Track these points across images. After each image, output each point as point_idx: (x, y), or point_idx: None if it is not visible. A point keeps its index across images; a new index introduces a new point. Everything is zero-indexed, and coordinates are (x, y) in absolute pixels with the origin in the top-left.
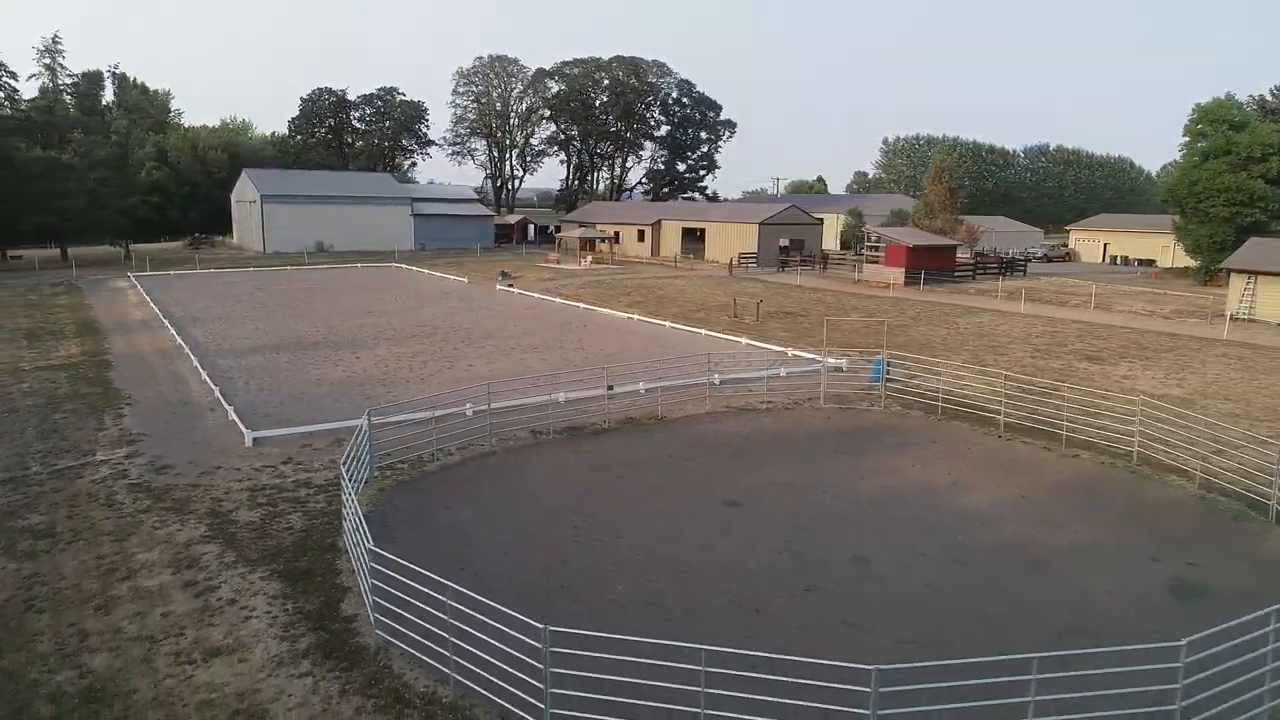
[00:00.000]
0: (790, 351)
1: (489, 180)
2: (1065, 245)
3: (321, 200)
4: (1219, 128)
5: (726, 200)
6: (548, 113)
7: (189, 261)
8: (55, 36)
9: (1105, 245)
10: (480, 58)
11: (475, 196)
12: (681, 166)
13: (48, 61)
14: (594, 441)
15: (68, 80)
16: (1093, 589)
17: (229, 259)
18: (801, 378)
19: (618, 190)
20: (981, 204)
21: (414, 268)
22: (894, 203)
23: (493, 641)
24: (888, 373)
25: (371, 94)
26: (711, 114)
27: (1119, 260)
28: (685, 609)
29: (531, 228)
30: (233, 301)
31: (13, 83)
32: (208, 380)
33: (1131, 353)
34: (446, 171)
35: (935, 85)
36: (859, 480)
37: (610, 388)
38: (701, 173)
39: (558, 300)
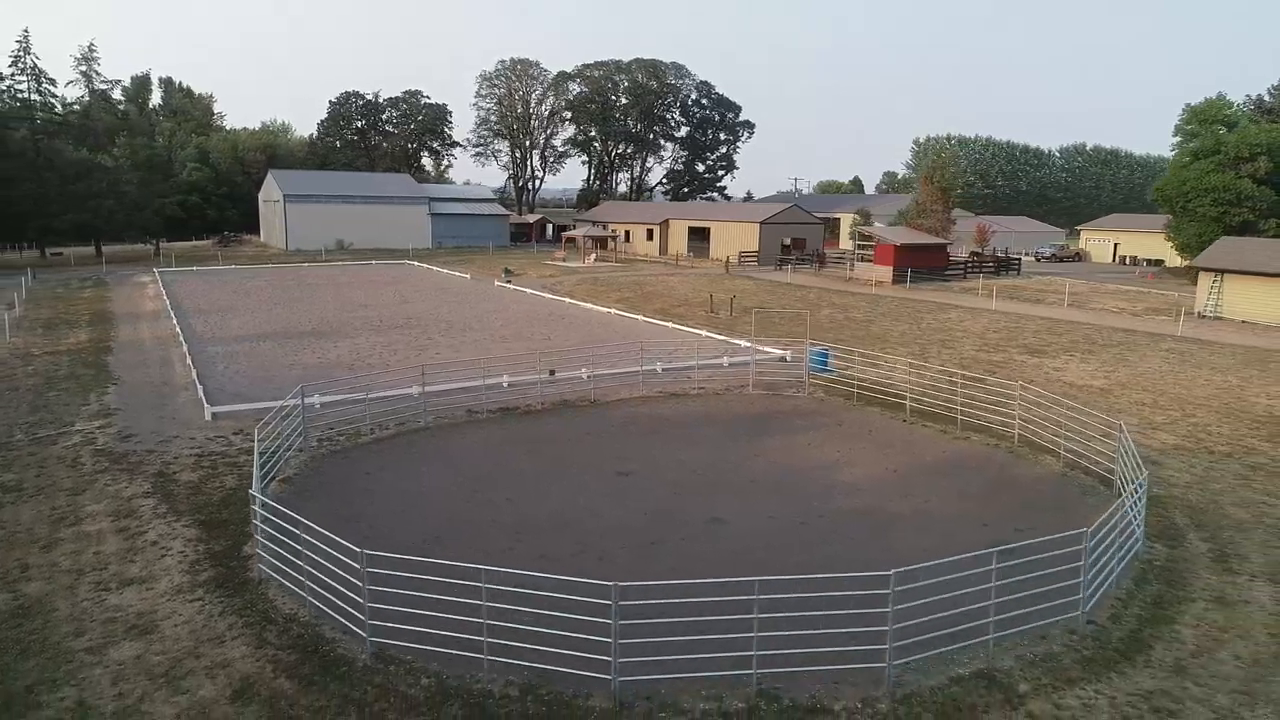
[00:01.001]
0: (744, 342)
1: (511, 181)
2: (1068, 245)
3: (342, 200)
4: (1210, 127)
5: (753, 200)
6: (568, 114)
7: (215, 258)
8: (91, 45)
9: (1116, 245)
10: (503, 61)
11: (492, 196)
12: (700, 167)
13: (84, 69)
14: (523, 420)
15: (102, 86)
16: (912, 547)
17: (253, 256)
18: (743, 367)
19: (638, 190)
20: (1015, 203)
21: (425, 264)
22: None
23: (338, 570)
24: (827, 364)
25: (397, 97)
26: (731, 115)
27: (1129, 260)
28: (539, 555)
29: (550, 227)
30: (241, 295)
31: (52, 89)
32: (190, 364)
33: (1078, 347)
34: (470, 172)
35: (970, 85)
36: (752, 456)
37: (552, 373)
38: (720, 173)
39: (547, 296)
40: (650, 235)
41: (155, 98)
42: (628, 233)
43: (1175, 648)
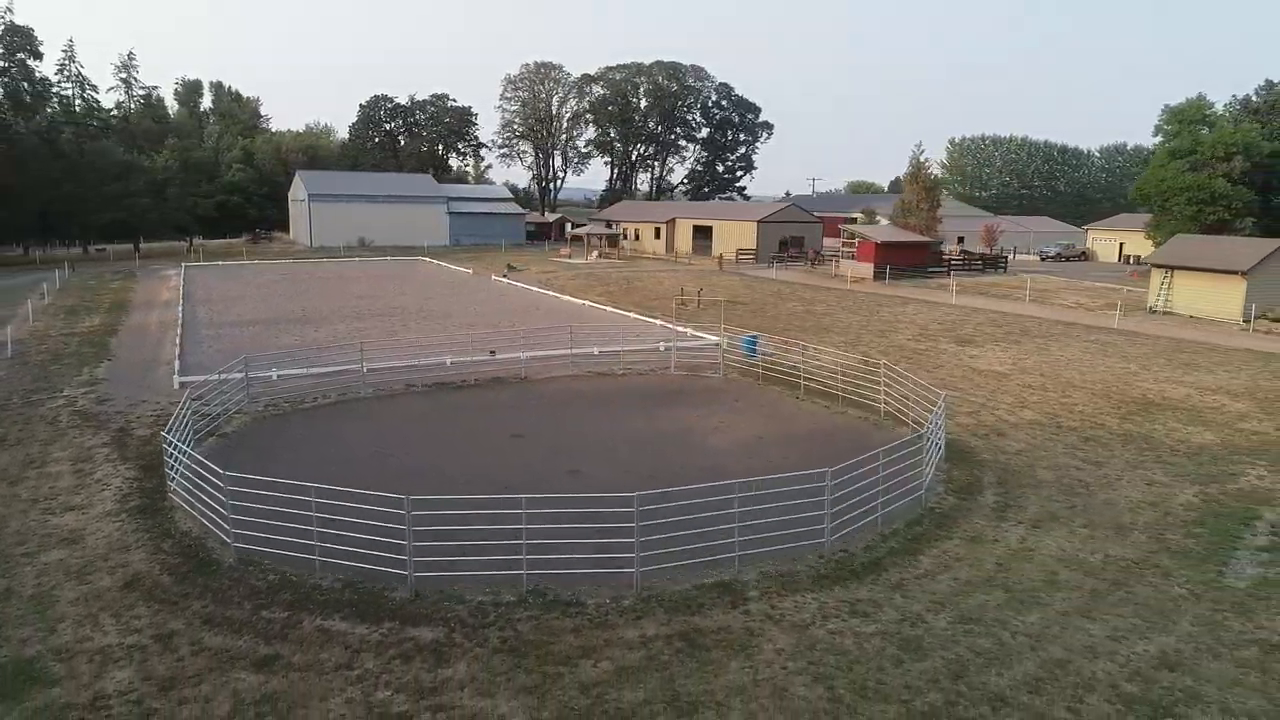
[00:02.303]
0: (688, 330)
1: (535, 181)
2: (1073, 245)
3: (364, 199)
4: (1188, 128)
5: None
6: (589, 117)
7: (242, 255)
8: (130, 54)
9: (1121, 245)
10: (527, 64)
11: (509, 195)
12: (720, 167)
13: (124, 76)
14: (452, 393)
15: (140, 93)
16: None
17: (279, 252)
18: (681, 352)
19: (658, 190)
20: (1052, 204)
21: (435, 261)
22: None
23: (216, 494)
24: (755, 350)
25: (425, 100)
26: (751, 116)
27: (1132, 259)
28: (392, 489)
29: (569, 225)
30: (251, 288)
31: (95, 95)
32: (177, 343)
33: (1009, 337)
34: (496, 173)
35: (1009, 84)
36: (641, 423)
37: (492, 353)
38: (739, 173)
39: (536, 290)
40: (658, 234)
41: (206, 100)
42: (637, 231)
43: (906, 571)
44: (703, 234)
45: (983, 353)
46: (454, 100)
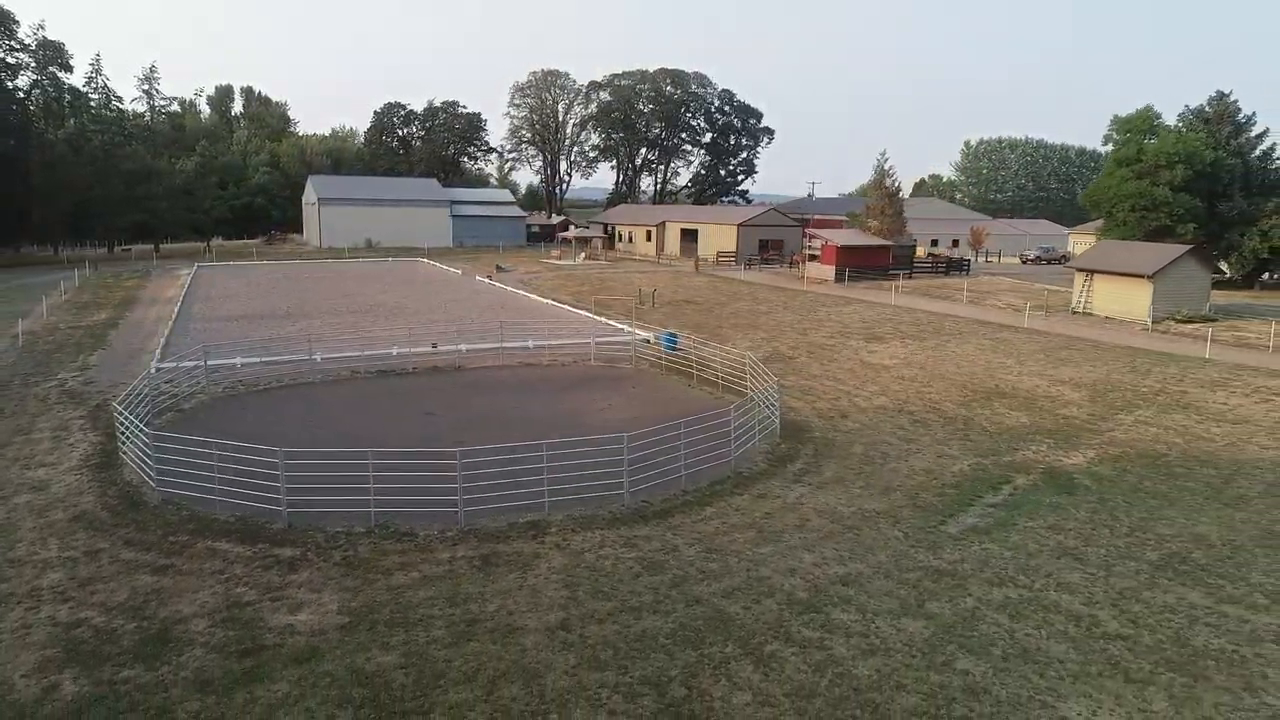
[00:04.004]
0: (625, 326)
1: (543, 185)
2: (1054, 249)
3: (371, 203)
4: (1134, 137)
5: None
6: (594, 124)
7: (253, 255)
8: (153, 67)
9: None
10: (534, 72)
11: (511, 199)
12: (723, 171)
13: (146, 88)
14: (391, 379)
15: (161, 104)
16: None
17: (288, 253)
18: (606, 344)
19: (662, 193)
20: (1070, 206)
21: (432, 262)
22: (924, 206)
23: (147, 451)
24: (675, 345)
25: (436, 107)
26: (753, 121)
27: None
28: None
29: (572, 228)
30: (249, 285)
31: (120, 105)
32: (165, 334)
33: (913, 334)
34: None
35: (1028, 87)
36: (539, 404)
37: (434, 345)
38: (740, 176)
39: (511, 289)
40: (649, 236)
41: (238, 105)
42: (631, 234)
43: (688, 518)
44: (690, 237)
45: (883, 348)
46: (464, 107)
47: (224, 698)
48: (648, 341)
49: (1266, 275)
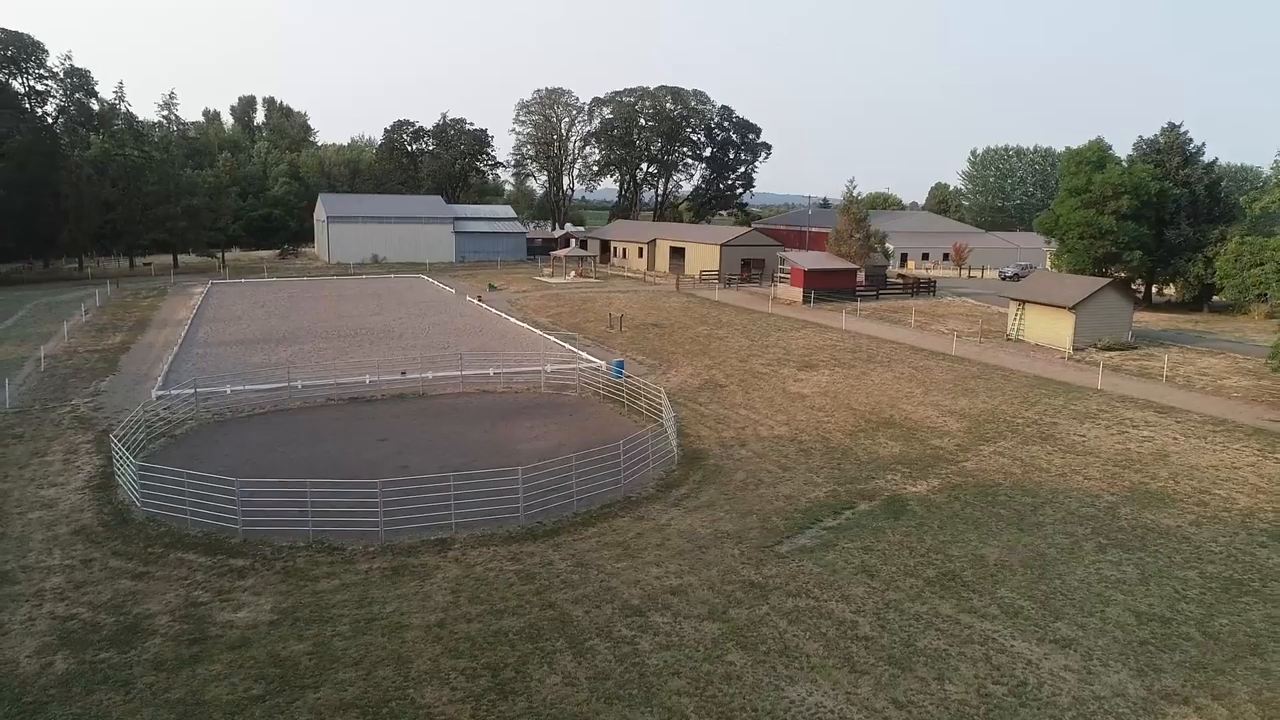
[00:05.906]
0: (584, 353)
1: (549, 200)
2: (1030, 266)
3: (377, 220)
4: (1083, 168)
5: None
6: (595, 140)
7: (265, 271)
8: (171, 94)
9: None
10: (539, 90)
11: (512, 215)
12: (722, 185)
13: (165, 113)
14: (360, 405)
15: (178, 128)
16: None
17: (299, 269)
18: (560, 374)
19: (662, 207)
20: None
21: (430, 279)
22: (921, 220)
23: (133, 475)
24: (622, 372)
25: (443, 124)
26: (751, 135)
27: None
28: (261, 473)
29: (574, 242)
30: (255, 305)
31: (141, 128)
32: (169, 363)
33: (847, 362)
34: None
35: (1035, 97)
36: (479, 432)
37: (403, 373)
38: (739, 190)
39: (492, 311)
40: (641, 253)
41: (260, 115)
42: (624, 250)
43: (570, 536)
44: (678, 254)
45: (809, 377)
46: (471, 124)
47: (173, 674)
48: (597, 370)
49: (1215, 298)
